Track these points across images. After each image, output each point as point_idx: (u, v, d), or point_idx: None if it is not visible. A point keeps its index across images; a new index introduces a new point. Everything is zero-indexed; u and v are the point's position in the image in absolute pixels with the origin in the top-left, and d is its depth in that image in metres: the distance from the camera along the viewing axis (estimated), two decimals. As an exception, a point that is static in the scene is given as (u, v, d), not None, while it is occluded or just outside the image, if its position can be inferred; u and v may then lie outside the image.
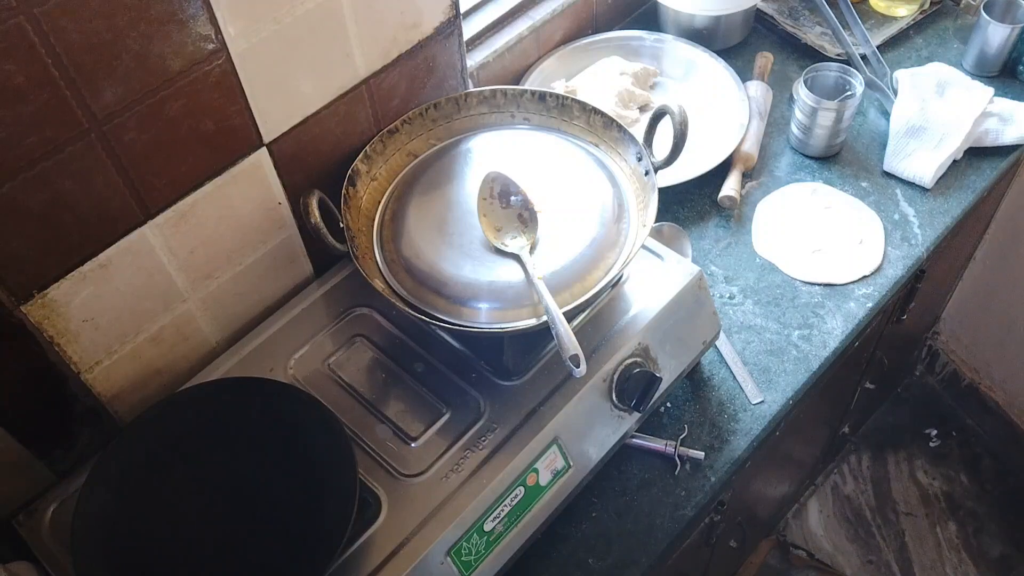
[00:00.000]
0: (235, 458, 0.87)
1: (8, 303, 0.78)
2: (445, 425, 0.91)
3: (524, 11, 1.37)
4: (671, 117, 0.92)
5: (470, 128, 1.06)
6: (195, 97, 0.81)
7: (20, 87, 0.68)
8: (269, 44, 0.84)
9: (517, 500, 0.88)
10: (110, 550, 0.80)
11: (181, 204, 0.87)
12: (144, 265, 0.87)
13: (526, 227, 0.92)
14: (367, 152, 0.99)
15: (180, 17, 0.76)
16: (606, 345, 0.95)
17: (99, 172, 0.78)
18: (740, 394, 1.09)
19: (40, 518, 0.88)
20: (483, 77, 1.32)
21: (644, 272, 1.01)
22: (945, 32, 1.51)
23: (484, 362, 0.95)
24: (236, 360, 0.97)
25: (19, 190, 0.73)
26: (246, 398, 0.89)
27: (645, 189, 0.96)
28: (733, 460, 1.03)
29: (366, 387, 0.94)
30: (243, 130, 0.88)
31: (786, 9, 1.52)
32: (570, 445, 0.92)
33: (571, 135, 1.04)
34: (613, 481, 1.02)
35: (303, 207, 0.90)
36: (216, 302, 0.97)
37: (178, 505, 0.84)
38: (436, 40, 1.03)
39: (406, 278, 0.92)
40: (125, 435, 0.87)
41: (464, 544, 0.85)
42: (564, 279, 0.89)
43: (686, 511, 1.00)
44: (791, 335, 1.14)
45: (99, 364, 0.89)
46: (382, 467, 0.88)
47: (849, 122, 1.31)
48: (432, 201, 0.97)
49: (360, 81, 0.97)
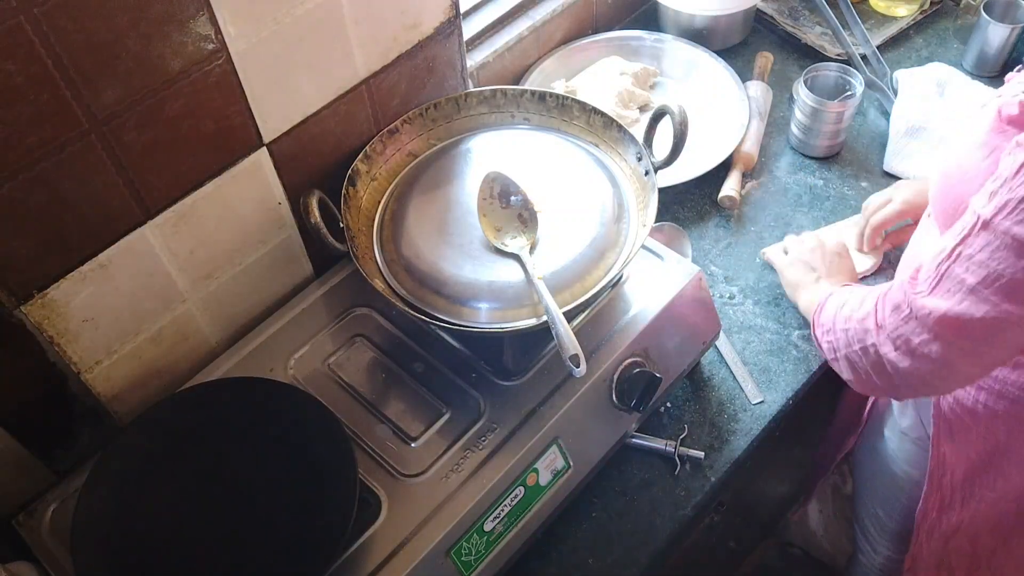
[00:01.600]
0: (235, 458, 0.87)
1: (8, 303, 0.78)
2: (445, 425, 0.91)
3: (524, 11, 1.37)
4: (671, 117, 0.92)
5: (470, 128, 1.06)
6: (195, 97, 0.81)
7: (20, 87, 0.68)
8: (269, 44, 0.84)
9: (517, 500, 0.88)
10: (110, 550, 0.80)
11: (181, 204, 0.87)
12: (144, 265, 0.87)
13: (526, 227, 0.92)
14: (367, 152, 0.99)
15: (180, 17, 0.76)
16: (606, 345, 0.95)
17: (99, 172, 0.78)
18: (740, 394, 1.09)
19: (40, 518, 0.88)
20: (483, 77, 1.32)
21: (644, 272, 1.01)
22: (945, 32, 1.51)
23: (484, 362, 0.95)
24: (236, 360, 0.97)
25: (19, 190, 0.73)
26: (246, 398, 0.89)
27: (645, 189, 0.96)
28: (733, 460, 1.03)
29: (366, 387, 0.94)
30: (243, 130, 0.88)
31: (786, 9, 1.52)
32: (570, 445, 0.92)
33: (571, 135, 1.04)
34: (613, 481, 1.02)
35: (303, 207, 0.90)
36: (216, 302, 0.97)
37: (178, 505, 0.84)
38: (436, 40, 1.03)
39: (406, 278, 0.92)
40: (125, 435, 0.87)
41: (464, 544, 0.85)
42: (564, 279, 0.89)
43: (686, 511, 1.00)
44: (791, 335, 1.14)
45: (99, 364, 0.89)
46: (382, 467, 0.88)
47: (849, 122, 1.31)
48: (432, 201, 0.97)
49: (360, 81, 0.97)
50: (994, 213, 0.74)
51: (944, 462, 1.02)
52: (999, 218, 0.73)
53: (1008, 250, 0.73)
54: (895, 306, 0.84)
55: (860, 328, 0.88)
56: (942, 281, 0.79)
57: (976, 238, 0.76)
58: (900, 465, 1.11)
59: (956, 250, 0.77)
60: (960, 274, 0.77)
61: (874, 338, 0.86)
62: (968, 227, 0.76)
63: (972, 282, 0.76)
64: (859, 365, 0.90)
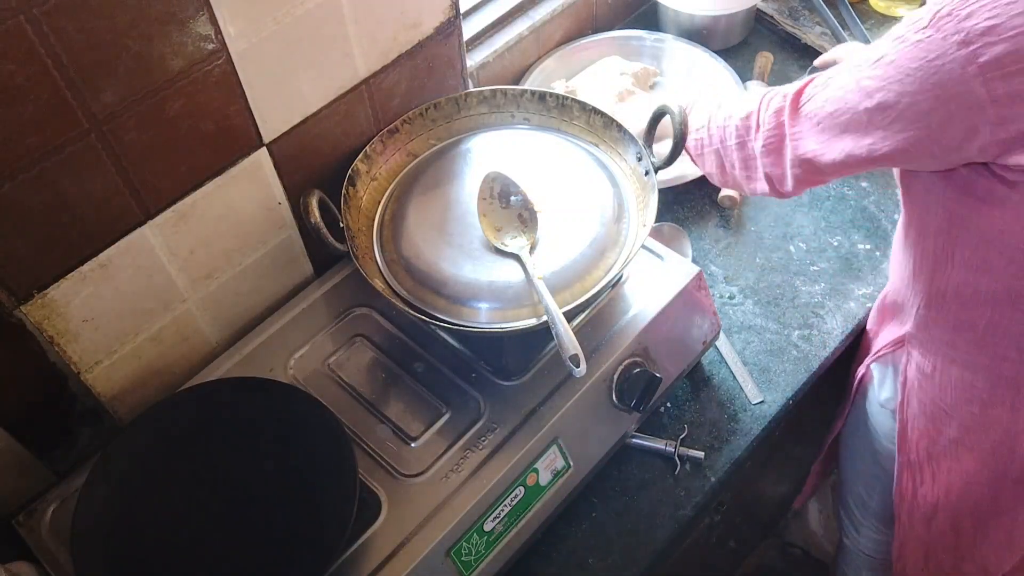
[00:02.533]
0: (235, 458, 0.87)
1: (8, 303, 0.78)
2: (445, 425, 0.91)
3: (524, 11, 1.37)
4: (671, 117, 0.92)
5: (470, 128, 1.06)
6: (195, 97, 0.81)
7: (20, 87, 0.68)
8: (269, 44, 0.84)
9: (517, 500, 0.88)
10: (110, 550, 0.80)
11: (181, 204, 0.87)
12: (144, 265, 0.87)
13: (526, 227, 0.92)
14: (367, 152, 0.99)
15: (180, 17, 0.76)
16: (606, 345, 0.95)
17: (99, 172, 0.78)
18: (740, 394, 1.09)
19: (40, 518, 0.88)
20: (483, 77, 1.32)
21: (644, 272, 1.01)
22: (945, 32, 1.51)
23: (484, 362, 0.95)
24: (236, 360, 0.97)
25: (19, 190, 0.73)
26: (246, 398, 0.89)
27: (645, 189, 0.96)
28: (733, 460, 1.03)
29: (366, 387, 0.94)
30: (243, 130, 0.88)
31: (786, 9, 1.52)
32: (570, 445, 0.92)
33: (571, 135, 1.04)
34: (613, 481, 1.02)
35: (303, 207, 0.90)
36: (216, 302, 0.97)
37: (178, 505, 0.84)
38: (436, 40, 1.03)
39: (406, 278, 0.92)
40: (125, 435, 0.87)
41: (464, 544, 0.85)
42: (564, 279, 0.89)
43: (686, 511, 1.00)
44: (791, 335, 1.14)
45: (99, 364, 0.89)
46: (382, 467, 0.88)
47: None
48: (432, 201, 0.97)
49: (360, 81, 0.97)
50: (858, 64, 0.79)
51: (907, 433, 1.05)
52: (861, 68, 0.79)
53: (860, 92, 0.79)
54: (776, 110, 0.90)
55: (743, 125, 0.94)
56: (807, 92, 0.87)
57: (842, 76, 0.82)
58: (881, 442, 1.12)
59: (826, 82, 0.84)
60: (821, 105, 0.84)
61: (753, 134, 0.93)
62: (839, 71, 0.83)
63: (824, 114, 0.83)
64: (727, 158, 0.98)
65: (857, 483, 1.25)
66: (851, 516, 1.31)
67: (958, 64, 0.70)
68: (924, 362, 1.00)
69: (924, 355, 0.99)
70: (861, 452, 1.19)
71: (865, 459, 1.19)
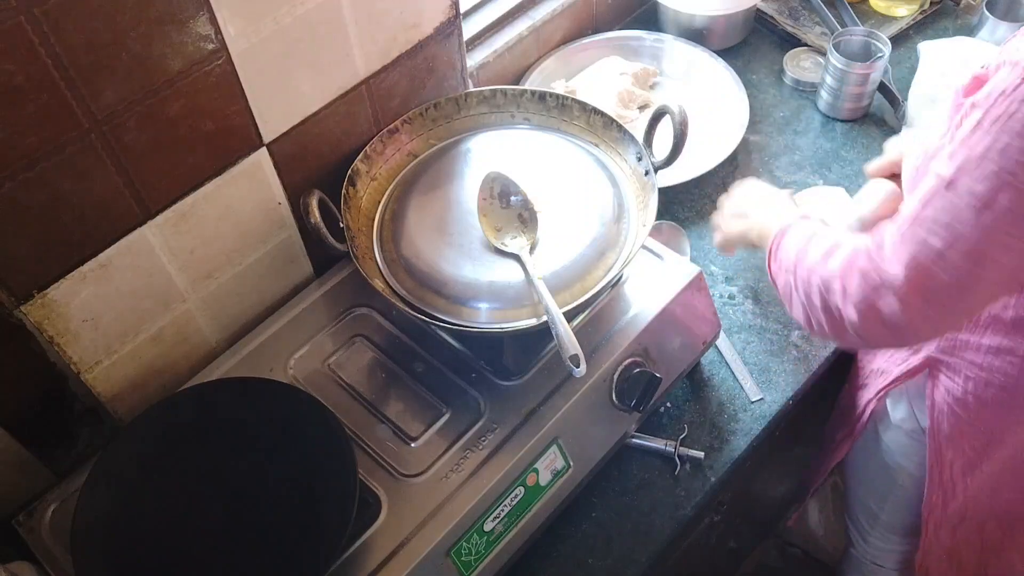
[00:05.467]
0: (235, 458, 0.87)
1: (8, 303, 0.78)
2: (445, 425, 0.91)
3: (524, 11, 1.37)
4: (671, 117, 0.92)
5: (470, 128, 1.06)
6: (195, 97, 0.81)
7: (20, 87, 0.68)
8: (269, 44, 0.84)
9: (517, 500, 0.88)
10: (110, 550, 0.80)
11: (181, 204, 0.87)
12: (144, 265, 0.87)
13: (526, 227, 0.92)
14: (367, 152, 0.99)
15: (180, 17, 0.76)
16: (606, 345, 0.95)
17: (99, 172, 0.78)
18: (740, 394, 1.09)
19: (40, 518, 0.88)
20: (483, 77, 1.32)
21: (644, 272, 1.01)
22: (945, 32, 1.51)
23: (484, 362, 0.95)
24: (236, 360, 0.97)
25: (19, 190, 0.73)
26: (246, 398, 0.89)
27: (645, 189, 0.96)
28: (733, 460, 1.03)
29: (366, 387, 0.94)
30: (243, 130, 0.88)
31: (786, 9, 1.52)
32: (570, 445, 0.92)
33: (571, 135, 1.04)
34: (613, 481, 1.02)
35: (303, 207, 0.90)
36: (216, 302, 0.97)
37: (178, 505, 0.84)
38: (436, 40, 1.03)
39: (406, 278, 0.92)
40: (125, 435, 0.87)
41: (464, 544, 0.85)
42: (564, 279, 0.89)
43: (686, 511, 1.00)
44: (791, 335, 1.14)
45: (99, 364, 0.89)
46: (382, 467, 0.88)
47: (874, 86, 1.35)
48: (432, 201, 0.97)
49: (360, 81, 0.97)
50: (954, 173, 0.74)
51: (942, 456, 1.02)
52: (960, 176, 0.73)
53: (970, 210, 0.73)
54: (863, 274, 0.81)
55: (824, 287, 0.85)
56: (906, 244, 0.78)
57: (939, 199, 0.75)
58: (893, 458, 1.11)
59: (920, 214, 0.77)
60: (924, 237, 0.76)
61: (839, 301, 0.84)
62: (930, 189, 0.76)
63: (938, 246, 0.75)
64: (813, 315, 0.88)
65: (867, 496, 1.24)
66: (859, 526, 1.30)
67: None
68: (954, 386, 0.96)
69: (953, 379, 0.96)
70: (871, 467, 1.18)
71: (876, 474, 1.17)
